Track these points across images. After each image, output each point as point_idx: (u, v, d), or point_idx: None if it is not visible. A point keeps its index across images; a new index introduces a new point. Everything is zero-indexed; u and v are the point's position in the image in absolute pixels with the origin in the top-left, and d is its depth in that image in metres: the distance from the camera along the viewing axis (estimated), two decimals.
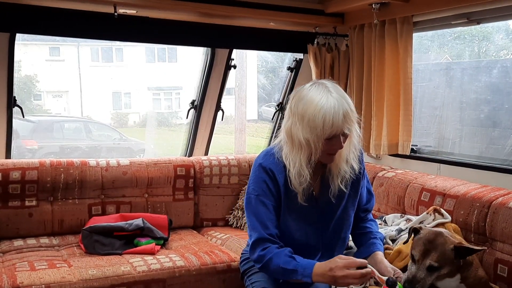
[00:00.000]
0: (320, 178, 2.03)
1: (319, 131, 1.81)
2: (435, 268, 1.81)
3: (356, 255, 2.12)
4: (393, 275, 1.86)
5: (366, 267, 1.77)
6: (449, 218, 2.29)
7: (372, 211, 2.26)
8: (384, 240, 2.33)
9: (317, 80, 1.95)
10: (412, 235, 1.95)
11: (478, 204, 2.24)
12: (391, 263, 2.13)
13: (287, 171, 1.94)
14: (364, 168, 2.14)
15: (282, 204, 1.99)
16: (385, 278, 1.76)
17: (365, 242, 2.13)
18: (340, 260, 1.80)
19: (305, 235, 2.05)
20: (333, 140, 1.85)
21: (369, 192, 2.23)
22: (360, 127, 1.98)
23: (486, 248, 1.92)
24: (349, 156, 1.97)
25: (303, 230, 2.04)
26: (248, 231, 2.02)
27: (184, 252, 2.75)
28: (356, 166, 2.00)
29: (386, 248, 2.24)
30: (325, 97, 1.82)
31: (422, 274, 1.81)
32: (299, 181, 1.92)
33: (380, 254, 2.04)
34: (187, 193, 3.28)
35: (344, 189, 2.00)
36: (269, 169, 1.98)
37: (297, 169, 1.90)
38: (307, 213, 2.01)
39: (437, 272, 1.82)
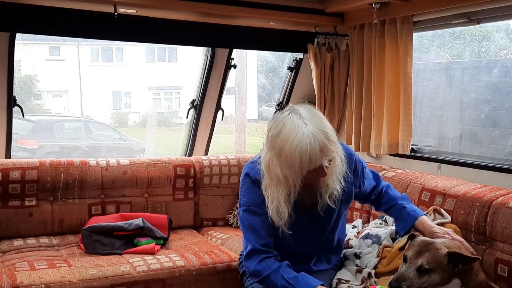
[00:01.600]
0: (309, 190, 2.01)
1: (297, 168, 1.79)
2: (425, 270, 1.77)
3: (399, 229, 2.23)
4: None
5: None
6: (449, 218, 2.29)
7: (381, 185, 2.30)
8: (385, 240, 2.32)
9: (293, 106, 1.88)
10: (409, 241, 1.95)
11: (478, 204, 2.24)
12: (391, 261, 2.14)
13: (266, 205, 1.92)
14: (362, 172, 2.17)
15: None
16: None
17: (399, 216, 2.21)
18: None
19: (299, 243, 2.06)
20: (314, 172, 1.83)
21: (374, 178, 2.25)
22: (341, 146, 1.97)
23: (479, 257, 1.91)
24: (335, 175, 1.94)
25: (297, 239, 2.04)
26: (243, 243, 2.02)
27: (184, 252, 2.75)
28: (341, 185, 1.97)
29: (386, 246, 2.24)
30: (300, 132, 1.76)
31: (411, 274, 1.78)
32: (277, 218, 1.89)
33: (419, 221, 2.12)
34: (187, 193, 3.28)
35: (333, 206, 1.99)
36: (255, 179, 1.98)
37: (275, 205, 1.88)
38: (300, 223, 2.01)
39: (427, 276, 1.78)
